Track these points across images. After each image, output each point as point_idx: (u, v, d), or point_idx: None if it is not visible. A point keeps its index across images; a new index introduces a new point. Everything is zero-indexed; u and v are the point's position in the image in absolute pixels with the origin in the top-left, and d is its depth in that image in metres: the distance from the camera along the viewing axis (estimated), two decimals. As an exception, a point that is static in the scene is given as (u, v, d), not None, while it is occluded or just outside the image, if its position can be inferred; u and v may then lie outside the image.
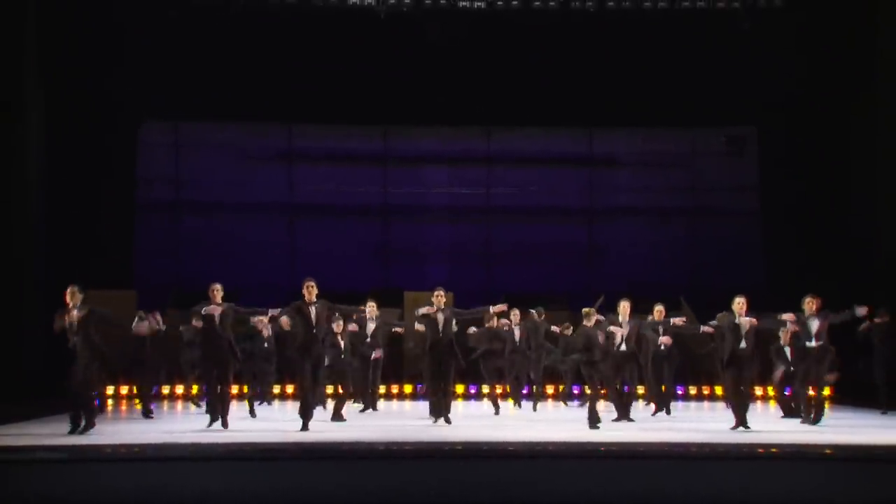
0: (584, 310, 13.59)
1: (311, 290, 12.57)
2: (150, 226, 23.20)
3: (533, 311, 17.06)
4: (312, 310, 12.54)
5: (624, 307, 14.00)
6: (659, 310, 15.29)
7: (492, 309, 14.41)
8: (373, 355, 15.78)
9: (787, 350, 14.89)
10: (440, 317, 13.50)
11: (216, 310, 12.52)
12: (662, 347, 15.35)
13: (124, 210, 22.34)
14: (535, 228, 24.05)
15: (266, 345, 16.34)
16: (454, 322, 13.79)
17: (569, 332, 16.73)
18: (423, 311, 13.65)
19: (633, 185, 24.61)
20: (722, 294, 21.91)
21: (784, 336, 14.80)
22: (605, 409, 14.14)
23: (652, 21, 21.00)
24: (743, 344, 12.90)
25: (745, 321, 12.97)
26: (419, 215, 24.20)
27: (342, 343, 14.87)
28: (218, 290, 12.63)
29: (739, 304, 13.09)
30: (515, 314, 16.56)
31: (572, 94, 22.47)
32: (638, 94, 22.32)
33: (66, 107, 20.09)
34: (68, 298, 11.99)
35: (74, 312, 11.92)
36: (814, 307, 13.23)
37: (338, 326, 14.77)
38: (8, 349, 18.10)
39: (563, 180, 24.53)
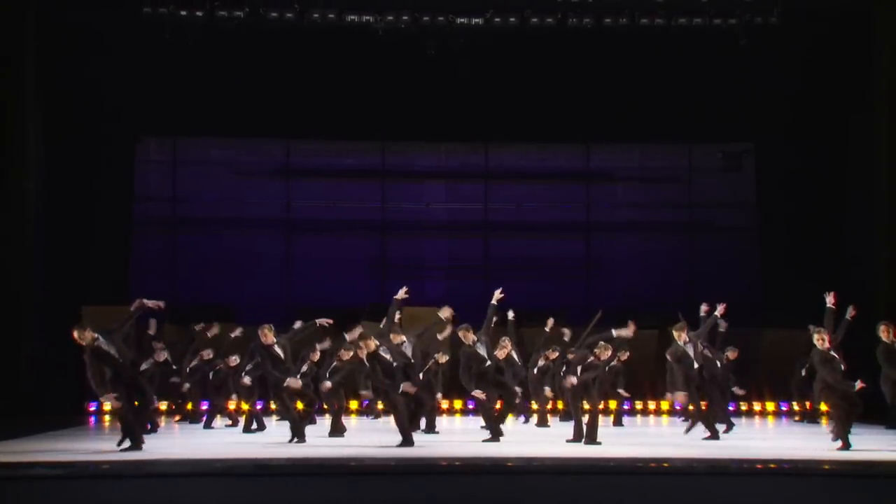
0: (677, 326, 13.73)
1: None
2: (147, 241, 23.20)
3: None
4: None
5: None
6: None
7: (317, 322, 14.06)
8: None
9: None
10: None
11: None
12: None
13: (121, 226, 22.32)
14: (532, 243, 24.09)
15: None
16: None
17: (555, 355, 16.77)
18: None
19: (631, 200, 24.67)
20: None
21: None
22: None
23: (649, 37, 21.06)
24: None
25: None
26: (417, 230, 24.22)
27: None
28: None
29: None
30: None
31: (570, 110, 22.54)
32: (635, 110, 22.39)
33: (63, 123, 20.10)
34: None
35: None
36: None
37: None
38: (6, 365, 18.05)
39: (561, 195, 24.57)
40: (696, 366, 13.63)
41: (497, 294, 14.20)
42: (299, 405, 13.25)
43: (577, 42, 21.16)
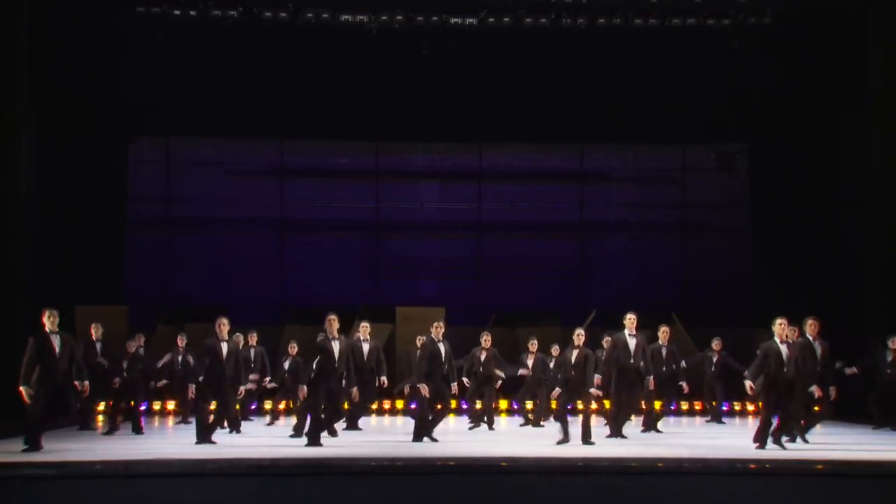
0: None
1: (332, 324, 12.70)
2: (140, 241, 23.17)
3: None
4: (335, 345, 12.55)
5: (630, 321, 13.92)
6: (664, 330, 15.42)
7: None
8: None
9: None
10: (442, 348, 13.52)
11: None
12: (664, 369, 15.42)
13: (115, 226, 22.29)
14: (526, 244, 24.12)
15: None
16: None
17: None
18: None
19: (624, 201, 24.70)
20: (712, 309, 22.08)
21: None
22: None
23: (643, 38, 21.09)
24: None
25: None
26: (410, 231, 24.24)
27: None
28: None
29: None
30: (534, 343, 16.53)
31: (563, 111, 22.56)
32: (629, 111, 22.42)
33: (57, 123, 20.07)
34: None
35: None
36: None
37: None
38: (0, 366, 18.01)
39: (555, 196, 24.60)
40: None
41: None
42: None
43: (571, 42, 21.18)
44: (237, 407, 14.84)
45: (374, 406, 18.36)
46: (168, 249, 23.53)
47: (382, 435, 15.27)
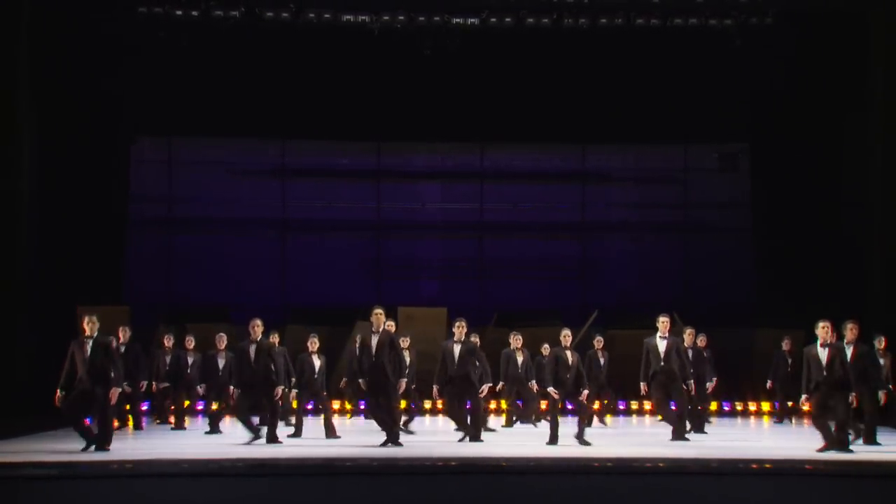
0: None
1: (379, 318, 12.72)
2: (142, 242, 23.16)
3: None
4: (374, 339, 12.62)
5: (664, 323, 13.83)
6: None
7: None
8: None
9: None
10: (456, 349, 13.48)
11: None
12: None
13: (116, 226, 22.28)
14: (527, 244, 24.11)
15: None
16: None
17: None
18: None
19: (626, 201, 24.68)
20: (713, 309, 22.06)
21: None
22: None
23: (645, 38, 21.08)
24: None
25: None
26: (412, 231, 24.24)
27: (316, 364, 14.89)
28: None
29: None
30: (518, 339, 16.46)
31: (565, 110, 22.56)
32: (630, 111, 22.41)
33: (58, 123, 20.07)
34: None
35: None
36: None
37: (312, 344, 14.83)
38: (1, 365, 18.02)
39: (556, 196, 24.59)
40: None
41: None
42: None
43: (573, 42, 21.17)
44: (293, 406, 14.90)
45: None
46: (169, 249, 23.53)
47: (383, 435, 15.25)
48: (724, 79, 21.80)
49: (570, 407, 18.35)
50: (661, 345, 13.63)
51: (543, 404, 16.81)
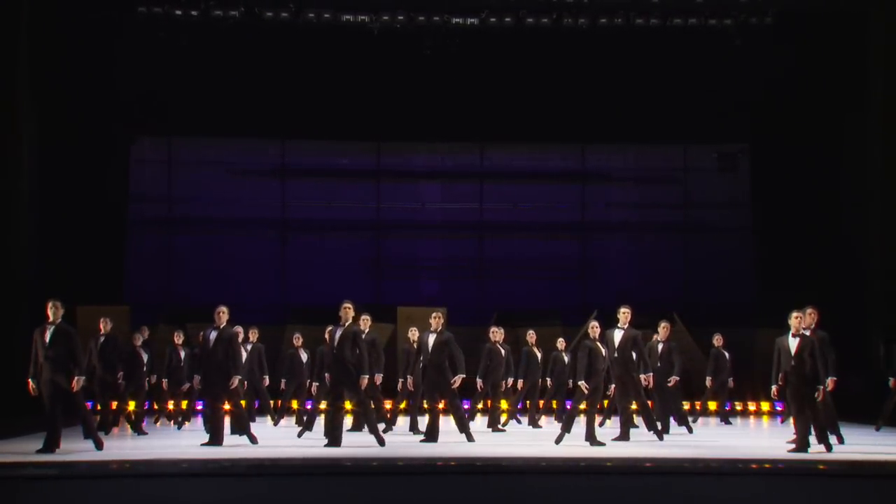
0: None
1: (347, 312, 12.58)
2: (142, 241, 23.20)
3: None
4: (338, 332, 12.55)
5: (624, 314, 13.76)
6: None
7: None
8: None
9: None
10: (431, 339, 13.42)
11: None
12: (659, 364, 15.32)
13: (116, 226, 22.31)
14: (527, 244, 24.12)
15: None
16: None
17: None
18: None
19: (626, 200, 24.70)
20: (714, 309, 22.04)
21: None
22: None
23: (644, 38, 21.09)
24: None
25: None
26: (412, 231, 24.25)
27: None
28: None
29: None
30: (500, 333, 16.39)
31: (565, 111, 22.58)
32: (630, 111, 22.42)
33: (58, 123, 20.09)
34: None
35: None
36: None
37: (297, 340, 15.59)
38: (2, 365, 18.03)
39: (556, 196, 24.61)
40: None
41: None
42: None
43: (573, 42, 21.19)
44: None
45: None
46: (169, 249, 23.55)
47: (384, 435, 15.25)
48: (723, 79, 21.80)
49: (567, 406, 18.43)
50: (617, 335, 13.54)
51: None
